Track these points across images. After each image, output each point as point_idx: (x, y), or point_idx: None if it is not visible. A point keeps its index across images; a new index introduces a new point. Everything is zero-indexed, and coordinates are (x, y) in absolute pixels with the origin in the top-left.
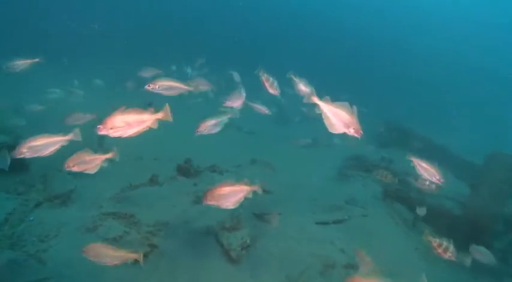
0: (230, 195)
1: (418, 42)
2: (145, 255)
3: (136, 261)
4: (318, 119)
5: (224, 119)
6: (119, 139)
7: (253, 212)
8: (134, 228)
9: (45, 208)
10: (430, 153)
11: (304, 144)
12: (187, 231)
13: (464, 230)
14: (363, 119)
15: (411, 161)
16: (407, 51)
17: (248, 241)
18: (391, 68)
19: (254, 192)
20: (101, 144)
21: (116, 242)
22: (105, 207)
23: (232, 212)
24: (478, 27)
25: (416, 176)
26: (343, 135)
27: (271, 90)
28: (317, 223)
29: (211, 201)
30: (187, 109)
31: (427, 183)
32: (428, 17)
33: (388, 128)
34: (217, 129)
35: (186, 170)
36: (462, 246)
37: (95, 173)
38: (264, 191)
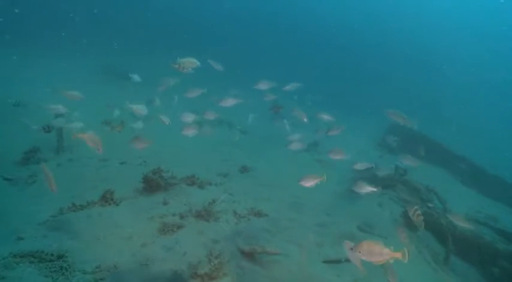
0: None
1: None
2: None
3: None
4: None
5: None
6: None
7: (239, 247)
8: (61, 279)
9: None
10: (455, 171)
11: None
12: (143, 280)
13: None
14: None
15: None
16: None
17: None
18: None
19: None
20: (60, 146)
21: None
22: (26, 241)
23: (212, 249)
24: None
25: None
26: None
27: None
28: (325, 262)
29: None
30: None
31: None
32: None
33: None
34: None
35: (154, 183)
36: None
37: (30, 186)
38: (257, 214)
